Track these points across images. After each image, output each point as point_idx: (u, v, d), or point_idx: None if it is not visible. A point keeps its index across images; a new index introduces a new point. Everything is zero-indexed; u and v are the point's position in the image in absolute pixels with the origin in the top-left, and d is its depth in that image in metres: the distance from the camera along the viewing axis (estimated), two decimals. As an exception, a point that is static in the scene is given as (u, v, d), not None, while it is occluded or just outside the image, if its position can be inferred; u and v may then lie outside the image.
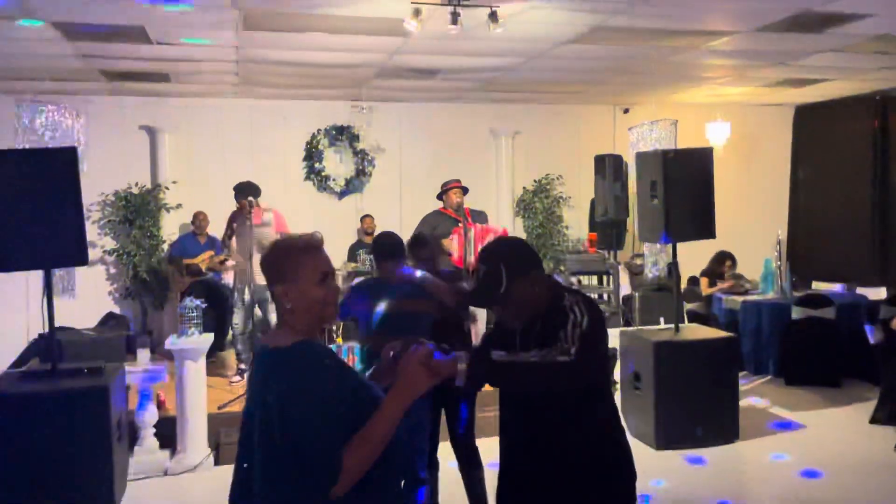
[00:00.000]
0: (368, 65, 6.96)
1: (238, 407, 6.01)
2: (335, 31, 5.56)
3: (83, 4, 4.87)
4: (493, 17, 4.74)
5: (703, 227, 5.68)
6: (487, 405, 3.95)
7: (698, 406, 5.45)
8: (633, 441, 3.29)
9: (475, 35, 5.33)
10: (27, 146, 5.52)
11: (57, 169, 4.43)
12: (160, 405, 5.66)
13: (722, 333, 6.04)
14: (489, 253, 2.43)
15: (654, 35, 6.05)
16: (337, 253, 8.77)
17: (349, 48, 6.16)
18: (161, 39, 5.73)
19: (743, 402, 5.94)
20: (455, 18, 4.65)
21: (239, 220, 6.75)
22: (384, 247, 3.94)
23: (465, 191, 7.26)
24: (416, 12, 4.63)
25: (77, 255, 4.55)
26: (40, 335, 7.55)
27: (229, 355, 7.68)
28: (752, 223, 9.91)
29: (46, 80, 7.36)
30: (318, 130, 9.10)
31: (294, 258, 1.88)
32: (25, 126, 5.21)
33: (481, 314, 6.31)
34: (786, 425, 6.00)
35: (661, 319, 6.70)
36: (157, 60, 6.53)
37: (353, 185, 9.28)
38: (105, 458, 4.46)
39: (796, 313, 7.15)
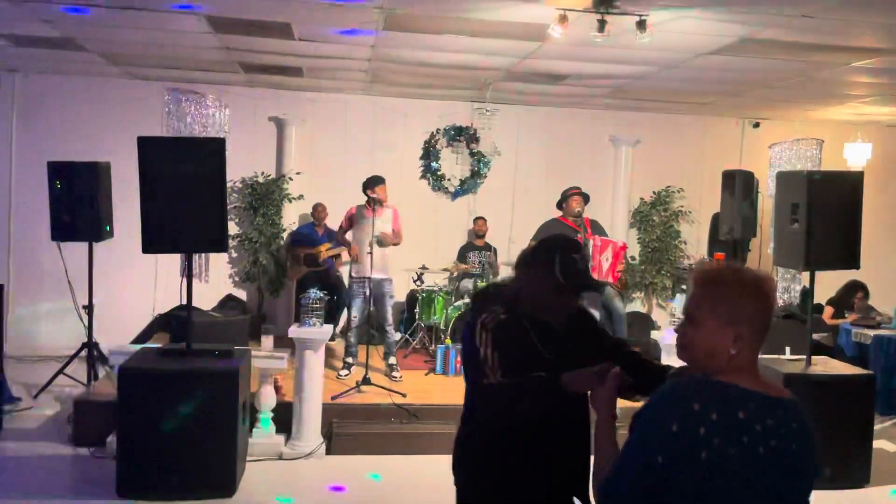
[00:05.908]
0: (497, 68, 6.93)
1: (350, 399, 6.10)
2: (473, 34, 5.55)
3: (237, 1, 5.06)
4: (642, 25, 4.60)
5: (847, 256, 5.35)
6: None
7: (828, 445, 5.12)
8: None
9: (613, 42, 5.18)
10: (174, 133, 5.82)
11: (206, 158, 4.63)
12: (277, 390, 5.85)
13: (857, 370, 5.68)
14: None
15: (803, 49, 5.72)
16: (448, 254, 8.80)
17: (483, 51, 6.15)
18: (304, 36, 5.89)
19: (873, 444, 5.56)
20: (602, 26, 4.54)
21: (357, 215, 6.87)
22: None
23: (586, 199, 7.11)
24: (562, 18, 4.54)
25: (218, 242, 4.76)
26: (160, 315, 7.99)
27: (339, 345, 7.84)
28: (888, 253, 9.26)
29: (189, 70, 7.74)
30: (438, 130, 9.14)
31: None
32: (174, 113, 5.48)
33: None
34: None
35: (787, 349, 6.34)
36: (295, 56, 6.72)
37: (467, 186, 9.28)
38: (230, 438, 4.63)
39: (936, 353, 6.64)
